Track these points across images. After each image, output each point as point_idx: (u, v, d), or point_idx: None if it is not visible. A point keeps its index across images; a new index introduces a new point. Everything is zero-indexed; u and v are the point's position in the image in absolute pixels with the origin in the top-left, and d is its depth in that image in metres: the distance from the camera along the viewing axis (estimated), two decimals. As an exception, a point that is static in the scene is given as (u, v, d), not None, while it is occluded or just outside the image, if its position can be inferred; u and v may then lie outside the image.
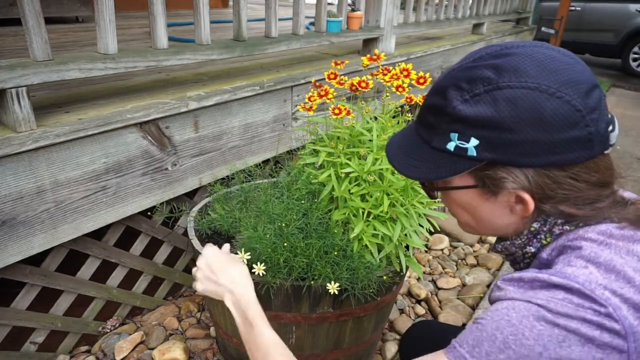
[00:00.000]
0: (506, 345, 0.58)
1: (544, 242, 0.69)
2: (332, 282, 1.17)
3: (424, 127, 0.70)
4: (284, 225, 1.29)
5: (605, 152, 0.63)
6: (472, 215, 0.73)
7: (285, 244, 1.24)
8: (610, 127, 0.62)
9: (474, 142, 0.62)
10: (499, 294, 0.63)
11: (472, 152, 0.63)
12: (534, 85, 0.59)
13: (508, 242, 0.74)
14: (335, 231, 1.30)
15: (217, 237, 1.51)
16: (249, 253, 1.20)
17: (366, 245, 1.28)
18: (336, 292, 1.18)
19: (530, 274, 0.62)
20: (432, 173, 0.68)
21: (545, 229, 0.69)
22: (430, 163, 0.68)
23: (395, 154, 0.74)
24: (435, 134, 0.67)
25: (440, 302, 2.03)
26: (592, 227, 0.65)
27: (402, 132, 0.77)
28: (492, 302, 0.65)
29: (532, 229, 0.69)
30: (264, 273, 1.19)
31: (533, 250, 0.71)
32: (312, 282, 1.22)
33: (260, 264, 1.19)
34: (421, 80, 1.36)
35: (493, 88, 0.61)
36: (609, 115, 0.63)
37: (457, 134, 0.64)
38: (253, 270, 1.19)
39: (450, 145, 0.65)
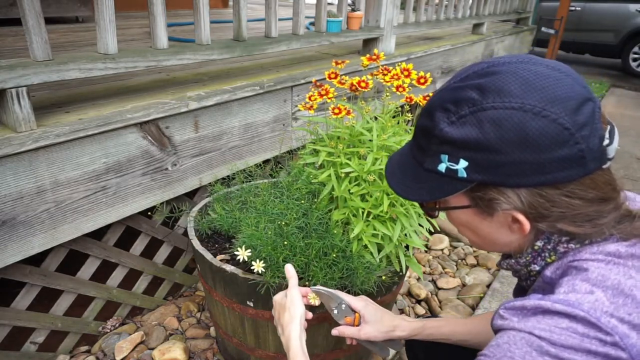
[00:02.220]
0: None
1: (548, 260, 0.68)
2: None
3: (417, 149, 0.70)
4: (283, 224, 1.29)
5: (604, 166, 0.61)
6: (474, 233, 0.73)
7: (285, 243, 1.24)
8: (607, 141, 0.60)
9: (463, 163, 0.62)
10: (501, 322, 0.62)
11: (463, 174, 0.63)
12: (517, 105, 0.58)
13: (513, 261, 0.74)
14: (335, 231, 1.30)
15: (217, 237, 1.51)
16: (249, 250, 1.20)
17: (366, 245, 1.28)
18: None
19: (532, 301, 0.60)
20: (426, 194, 0.68)
21: (549, 247, 0.67)
22: (424, 184, 0.68)
23: (393, 173, 0.75)
24: (427, 156, 0.67)
25: (440, 302, 2.03)
26: (599, 245, 0.63)
27: (400, 151, 0.77)
28: (494, 329, 0.64)
29: (536, 247, 0.68)
30: (264, 270, 1.19)
31: (537, 268, 0.70)
32: (307, 283, 1.21)
33: (260, 261, 1.19)
34: (422, 80, 1.36)
35: (477, 109, 0.60)
36: (608, 127, 0.61)
37: (446, 156, 0.64)
38: (252, 268, 1.20)
39: (441, 167, 0.65)
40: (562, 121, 0.57)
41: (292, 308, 0.95)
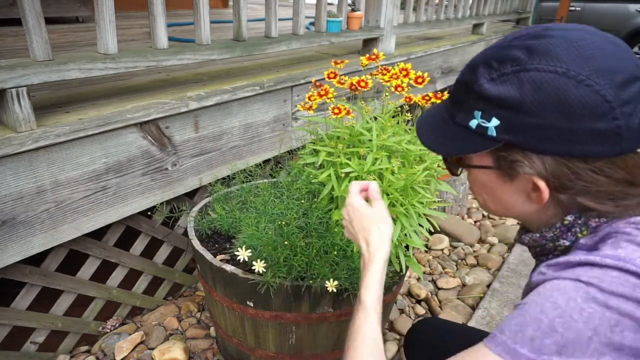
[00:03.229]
0: (552, 329, 0.54)
1: (579, 235, 0.66)
2: (331, 281, 1.18)
3: (453, 103, 0.70)
4: (284, 224, 1.29)
5: (638, 149, 0.60)
6: (490, 196, 0.72)
7: (286, 242, 1.24)
8: None
9: (494, 122, 0.62)
10: (542, 277, 0.61)
11: (492, 132, 0.62)
12: (562, 70, 0.57)
13: (538, 235, 0.71)
14: (336, 230, 1.30)
15: (217, 237, 1.51)
16: (249, 250, 1.20)
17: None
18: (335, 290, 1.18)
19: (578, 256, 0.59)
20: (451, 148, 0.69)
21: (579, 221, 0.66)
22: (452, 139, 0.68)
23: (424, 126, 0.74)
24: (461, 110, 0.66)
25: (440, 302, 2.03)
26: (634, 217, 0.62)
27: (437, 105, 0.77)
28: (533, 286, 0.62)
29: (566, 221, 0.66)
30: (264, 270, 1.20)
31: (567, 243, 0.68)
32: (311, 282, 1.22)
33: (261, 261, 1.19)
34: (420, 80, 1.36)
35: (521, 69, 0.59)
36: None
37: (480, 112, 0.63)
38: (253, 268, 1.20)
39: (473, 123, 0.64)
40: (605, 93, 0.56)
41: (382, 225, 0.84)
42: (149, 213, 1.69)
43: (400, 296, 2.02)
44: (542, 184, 0.62)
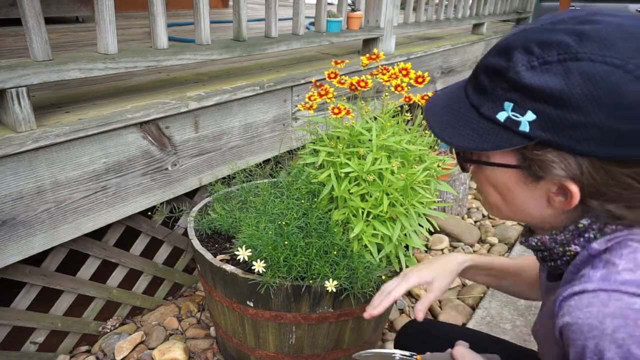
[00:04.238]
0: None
1: (592, 239, 0.61)
2: (330, 280, 1.18)
3: (475, 90, 0.61)
4: (284, 224, 1.29)
5: None
6: (503, 197, 0.65)
7: (286, 242, 1.24)
8: None
9: (530, 116, 0.54)
10: (566, 320, 0.55)
11: (525, 128, 0.54)
12: (619, 63, 0.49)
13: (547, 237, 0.65)
14: (335, 230, 1.30)
15: (217, 237, 1.51)
16: (249, 250, 1.20)
17: (366, 245, 1.28)
18: (334, 290, 1.18)
19: (594, 284, 0.55)
20: (472, 142, 0.59)
21: (595, 227, 0.60)
22: (473, 131, 0.59)
23: (437, 114, 0.65)
24: (487, 100, 0.58)
25: (440, 302, 2.03)
26: None
27: (447, 90, 0.68)
28: (560, 329, 0.57)
29: (580, 225, 0.61)
30: (264, 270, 1.20)
31: (578, 249, 0.63)
32: (311, 282, 1.22)
33: (261, 261, 1.19)
34: (420, 80, 1.36)
35: (570, 57, 0.51)
36: None
37: (512, 104, 0.55)
38: (253, 268, 1.20)
39: (501, 115, 0.56)
40: None
41: None
42: (149, 213, 1.69)
43: (400, 296, 2.02)
44: (574, 189, 0.56)
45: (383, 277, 1.27)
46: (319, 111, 2.09)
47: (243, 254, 1.19)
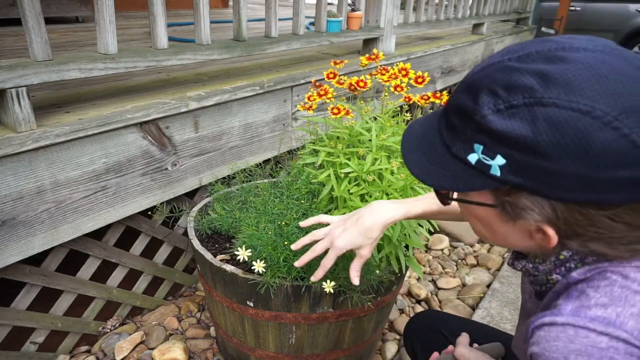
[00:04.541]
0: None
1: (573, 268, 0.62)
2: (328, 282, 1.18)
3: (447, 128, 0.59)
4: (284, 224, 1.29)
5: None
6: (487, 229, 0.65)
7: (286, 243, 1.24)
8: None
9: (499, 160, 0.52)
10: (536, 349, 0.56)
11: (496, 172, 0.53)
12: (586, 109, 0.47)
13: (531, 266, 0.66)
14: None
15: (217, 237, 1.51)
16: (249, 250, 1.20)
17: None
18: (332, 291, 1.18)
19: (564, 317, 0.55)
20: (446, 181, 0.58)
21: (576, 257, 0.61)
22: (446, 170, 0.58)
23: (412, 149, 0.64)
24: (458, 139, 0.57)
25: (440, 302, 2.03)
26: (635, 261, 0.57)
27: (425, 120, 0.66)
28: (530, 355, 0.58)
29: (562, 257, 0.62)
30: (264, 271, 1.20)
31: (560, 278, 0.63)
32: (310, 281, 1.22)
33: (261, 261, 1.19)
34: (419, 80, 1.36)
35: (535, 102, 0.49)
36: None
37: (482, 147, 0.53)
38: (253, 268, 1.20)
39: (472, 158, 0.55)
40: (635, 138, 0.47)
41: None
42: (149, 213, 1.69)
43: (400, 296, 2.02)
44: (551, 232, 0.55)
45: (383, 277, 1.27)
46: (319, 111, 2.09)
47: (243, 254, 1.19)
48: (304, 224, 1.10)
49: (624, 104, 0.47)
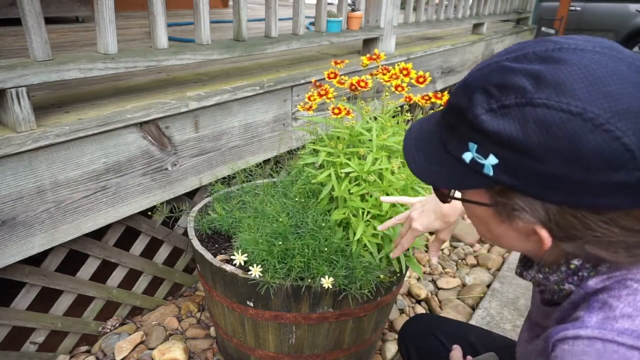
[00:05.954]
0: None
1: (587, 277, 0.60)
2: (327, 277, 1.18)
3: (445, 126, 0.60)
4: (282, 224, 1.29)
5: None
6: (487, 230, 0.64)
7: (280, 244, 1.24)
8: None
9: (492, 160, 0.52)
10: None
11: (489, 171, 0.53)
12: (577, 111, 0.46)
13: (541, 277, 0.65)
14: (335, 229, 1.30)
15: (217, 237, 1.51)
16: (245, 255, 1.20)
17: (365, 245, 1.28)
18: (330, 287, 1.18)
19: (589, 330, 0.53)
20: (442, 180, 0.59)
21: (587, 266, 0.59)
22: (442, 167, 0.58)
23: (412, 147, 0.64)
24: (453, 137, 0.57)
25: (440, 302, 2.03)
26: None
27: (428, 119, 0.66)
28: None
29: (572, 266, 0.60)
30: (261, 275, 1.20)
31: (573, 288, 0.61)
32: (310, 281, 1.22)
33: (257, 265, 1.20)
34: (420, 80, 1.36)
35: (526, 102, 0.48)
36: None
37: (476, 145, 0.53)
38: (250, 273, 1.20)
39: (466, 156, 0.55)
40: (627, 141, 0.46)
41: None
42: (149, 213, 1.69)
43: (400, 296, 2.02)
44: (544, 233, 0.55)
45: (383, 277, 1.27)
46: (320, 111, 2.09)
47: (239, 259, 1.19)
48: (384, 199, 1.13)
49: (617, 106, 0.46)
